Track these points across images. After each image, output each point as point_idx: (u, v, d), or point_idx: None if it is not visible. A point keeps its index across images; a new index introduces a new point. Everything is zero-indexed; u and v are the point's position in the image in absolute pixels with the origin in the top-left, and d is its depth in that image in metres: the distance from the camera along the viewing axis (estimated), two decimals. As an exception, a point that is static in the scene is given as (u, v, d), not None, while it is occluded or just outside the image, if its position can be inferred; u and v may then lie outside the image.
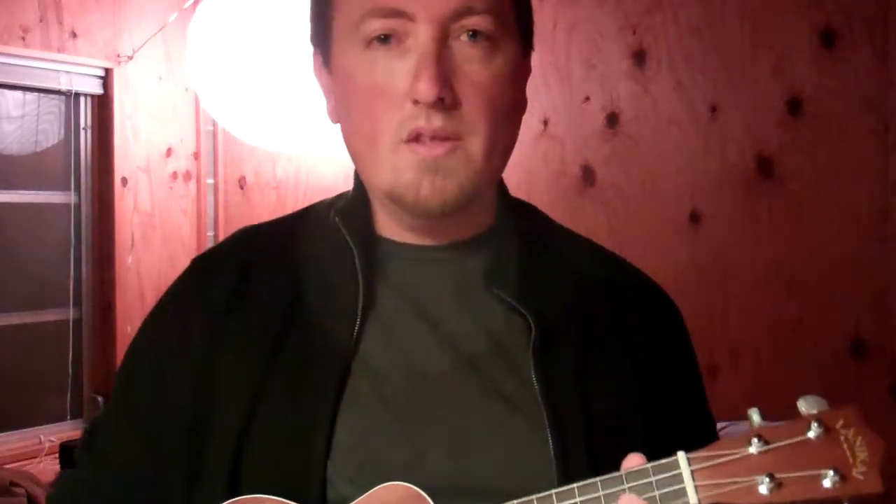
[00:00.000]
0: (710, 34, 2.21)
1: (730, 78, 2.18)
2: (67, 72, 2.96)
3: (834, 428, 0.68)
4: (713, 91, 2.21)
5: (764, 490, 0.67)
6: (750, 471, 0.68)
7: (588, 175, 2.43)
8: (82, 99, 3.06)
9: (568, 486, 0.71)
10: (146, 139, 3.16)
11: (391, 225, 0.88)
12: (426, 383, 0.82)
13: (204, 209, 3.31)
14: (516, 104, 0.87)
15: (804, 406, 0.71)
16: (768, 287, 2.13)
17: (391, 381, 0.82)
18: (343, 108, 0.86)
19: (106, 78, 3.06)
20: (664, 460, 0.69)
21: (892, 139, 1.96)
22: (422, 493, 0.75)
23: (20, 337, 2.94)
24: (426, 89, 0.77)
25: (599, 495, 0.69)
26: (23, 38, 2.81)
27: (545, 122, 2.49)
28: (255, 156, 3.24)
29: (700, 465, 0.69)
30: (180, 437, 0.85)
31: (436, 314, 0.85)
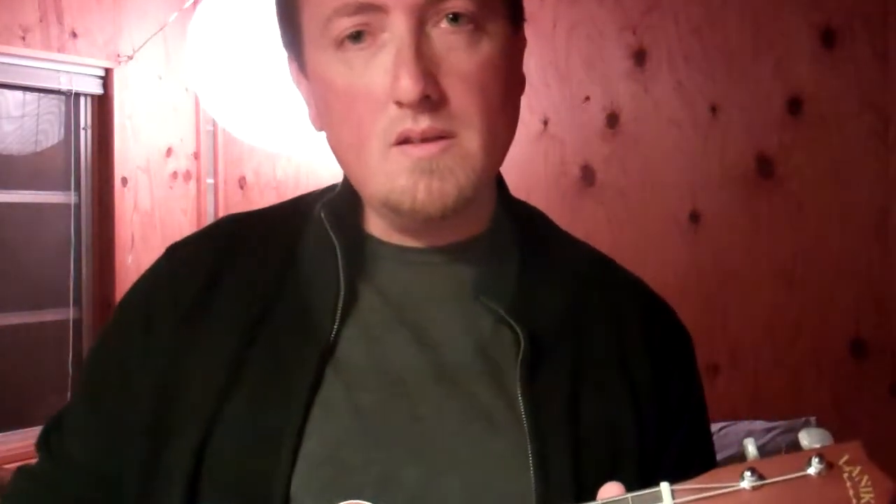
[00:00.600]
0: (710, 34, 2.21)
1: (730, 78, 2.18)
2: (67, 72, 2.96)
3: (837, 464, 0.61)
4: (713, 91, 2.21)
5: None
6: None
7: (588, 175, 2.43)
8: (82, 99, 3.07)
9: None
10: (146, 139, 3.16)
11: (381, 223, 0.82)
12: (404, 395, 0.76)
13: (204, 209, 3.31)
14: (512, 87, 0.78)
15: (805, 439, 0.63)
16: (768, 287, 2.13)
17: (367, 391, 0.75)
18: (324, 116, 0.79)
19: (106, 78, 3.06)
20: (646, 490, 0.63)
21: (892, 139, 1.96)
22: None
23: (20, 337, 2.94)
24: (407, 88, 0.69)
25: None
26: (23, 38, 2.81)
27: (545, 122, 2.49)
28: (255, 156, 3.25)
29: (685, 499, 0.62)
30: (140, 439, 0.78)
31: (420, 321, 0.79)
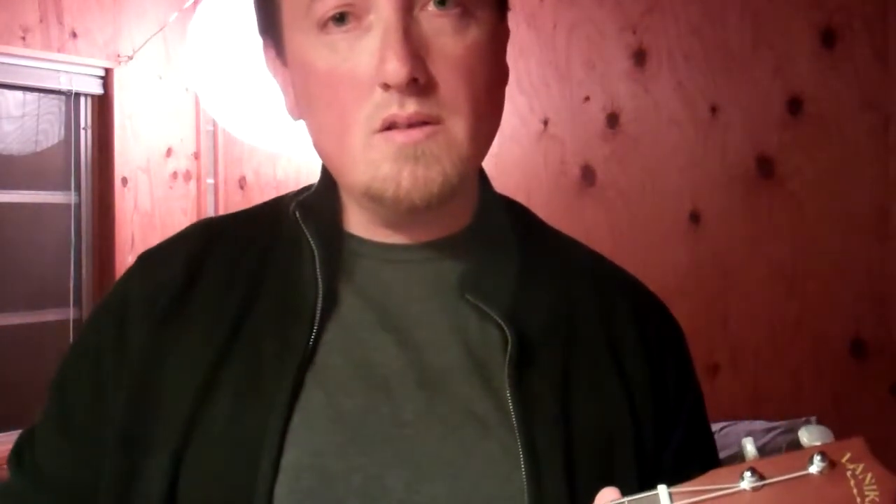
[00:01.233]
0: (710, 34, 2.21)
1: (730, 78, 2.18)
2: (67, 72, 2.96)
3: (840, 462, 0.59)
4: (713, 91, 2.21)
5: None
6: None
7: (588, 175, 2.43)
8: (82, 99, 3.07)
9: None
10: (146, 139, 3.16)
11: (360, 220, 0.79)
12: (388, 399, 0.73)
13: (204, 209, 3.31)
14: (497, 76, 0.76)
15: (806, 437, 0.61)
16: (768, 287, 2.13)
17: (349, 396, 0.73)
18: (304, 103, 0.76)
19: (106, 78, 3.06)
20: (643, 494, 0.61)
21: (892, 139, 1.96)
22: None
23: (20, 337, 2.94)
24: (395, 70, 0.67)
25: None
26: (23, 38, 2.81)
27: (545, 122, 2.49)
28: (255, 156, 3.25)
29: (684, 502, 0.60)
30: (115, 452, 0.75)
31: (404, 321, 0.76)
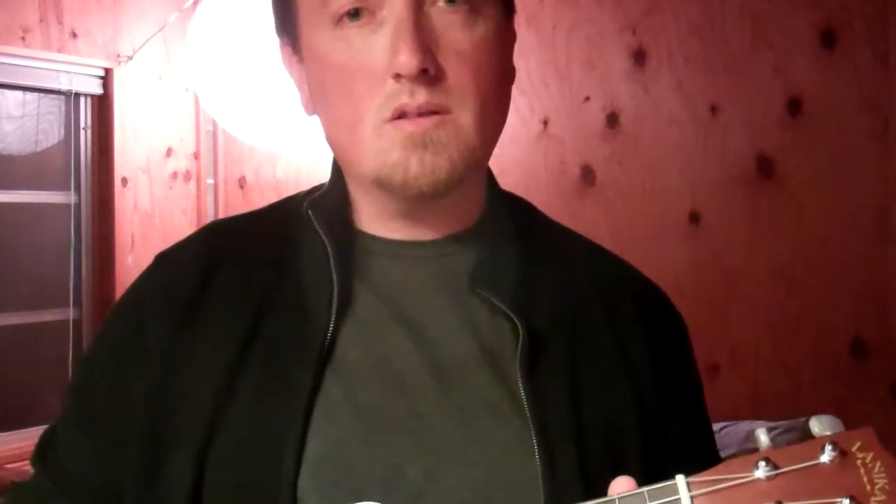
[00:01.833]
0: (710, 34, 2.21)
1: (730, 78, 2.18)
2: (67, 72, 2.96)
3: (850, 451, 0.62)
4: (713, 91, 2.21)
5: None
6: (757, 498, 0.62)
7: (588, 175, 2.43)
8: (82, 99, 3.07)
9: None
10: (146, 139, 3.16)
11: (371, 217, 0.82)
12: (405, 392, 0.75)
13: (204, 209, 3.31)
14: (504, 73, 0.79)
15: (817, 427, 0.64)
16: (768, 287, 2.13)
17: (367, 389, 0.75)
18: (319, 96, 0.79)
19: (106, 78, 3.06)
20: (661, 484, 0.63)
21: (892, 139, 1.96)
22: None
23: (20, 337, 2.94)
24: (407, 61, 0.70)
25: None
26: (23, 38, 2.81)
27: (545, 122, 2.49)
28: (255, 156, 3.25)
29: (701, 491, 0.62)
30: (138, 450, 0.77)
31: (417, 316, 0.79)
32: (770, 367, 2.13)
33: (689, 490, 0.62)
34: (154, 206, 3.19)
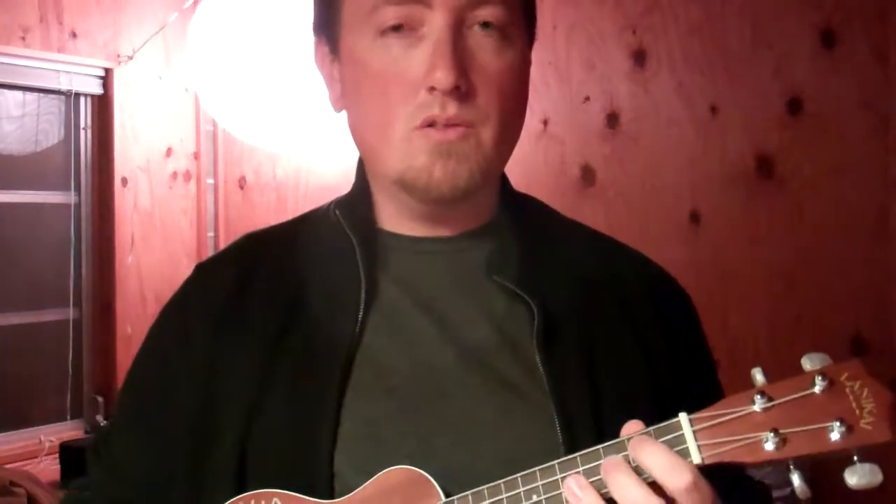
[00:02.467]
0: (710, 34, 2.21)
1: (730, 78, 2.18)
2: (67, 72, 2.96)
3: (839, 381, 0.67)
4: (713, 91, 2.21)
5: (770, 446, 0.66)
6: (754, 428, 0.67)
7: (588, 175, 2.43)
8: (82, 99, 3.07)
9: (570, 456, 0.71)
10: (146, 139, 3.16)
11: (393, 217, 0.88)
12: (431, 374, 0.82)
13: (204, 209, 3.31)
14: (523, 96, 0.88)
15: (808, 363, 0.70)
16: (768, 286, 2.13)
17: (396, 373, 0.82)
18: (352, 97, 0.85)
19: (106, 78, 3.06)
20: (666, 423, 0.68)
21: (892, 139, 1.96)
22: (426, 476, 0.75)
23: (20, 337, 2.94)
24: (444, 77, 0.77)
25: (602, 462, 0.69)
26: (23, 38, 2.81)
27: (545, 122, 2.49)
28: (255, 156, 3.25)
29: (703, 426, 0.68)
30: (187, 439, 0.85)
31: (438, 305, 0.85)
32: (770, 367, 2.13)
33: (692, 425, 0.68)
34: (154, 206, 3.19)
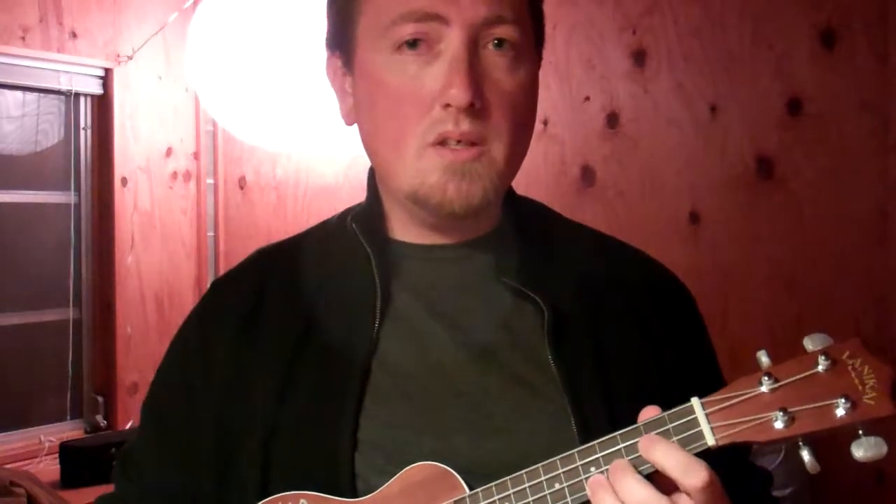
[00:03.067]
0: (710, 34, 2.21)
1: (730, 78, 2.18)
2: (67, 72, 2.96)
3: (841, 359, 0.70)
4: (713, 91, 2.21)
5: (779, 425, 0.69)
6: (763, 408, 0.70)
7: (588, 175, 2.43)
8: (82, 99, 3.07)
9: (589, 444, 0.73)
10: (146, 139, 3.16)
11: (404, 227, 0.90)
12: (446, 376, 0.84)
13: (204, 209, 3.31)
14: (533, 111, 0.89)
15: (810, 344, 0.73)
16: (768, 287, 2.13)
17: (412, 377, 0.84)
18: (365, 112, 0.87)
19: (106, 78, 3.06)
20: (679, 408, 0.71)
21: (892, 139, 1.96)
22: (450, 471, 0.77)
23: (20, 337, 2.94)
24: (459, 94, 0.78)
25: (620, 448, 0.72)
26: (23, 38, 2.81)
27: (545, 122, 2.49)
28: (255, 156, 3.24)
29: (714, 408, 0.71)
30: (210, 451, 0.87)
31: (450, 309, 0.87)
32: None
33: (704, 409, 0.71)
34: (154, 206, 3.18)
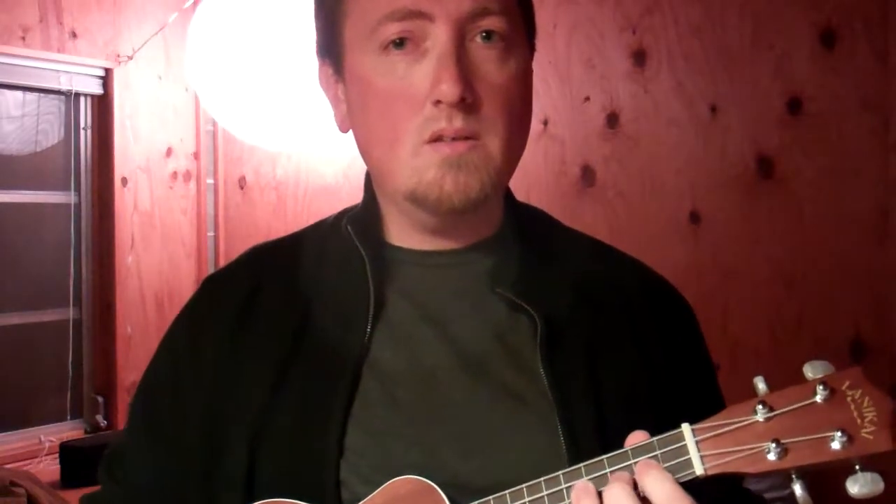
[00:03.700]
0: (710, 34, 2.21)
1: (730, 78, 2.18)
2: (67, 72, 2.96)
3: (840, 390, 0.67)
4: (713, 91, 2.21)
5: (772, 457, 0.66)
6: (756, 438, 0.67)
7: (588, 175, 2.43)
8: (82, 99, 3.07)
9: (575, 466, 0.71)
10: (146, 139, 3.16)
11: (400, 231, 0.89)
12: (436, 385, 0.83)
13: (204, 209, 3.31)
14: (527, 104, 0.88)
15: (810, 371, 0.70)
16: (768, 287, 2.13)
17: (402, 384, 0.83)
18: (359, 116, 0.86)
19: (106, 78, 3.06)
20: (668, 433, 0.69)
21: (892, 139, 1.96)
22: (433, 486, 0.75)
23: (20, 337, 2.94)
24: (449, 90, 0.77)
25: (606, 472, 0.69)
26: (23, 38, 2.81)
27: (545, 122, 2.49)
28: (255, 156, 3.24)
29: (705, 436, 0.68)
30: (198, 450, 0.86)
31: (442, 317, 0.86)
32: (770, 368, 2.13)
33: (695, 436, 0.68)
34: (154, 206, 3.18)
